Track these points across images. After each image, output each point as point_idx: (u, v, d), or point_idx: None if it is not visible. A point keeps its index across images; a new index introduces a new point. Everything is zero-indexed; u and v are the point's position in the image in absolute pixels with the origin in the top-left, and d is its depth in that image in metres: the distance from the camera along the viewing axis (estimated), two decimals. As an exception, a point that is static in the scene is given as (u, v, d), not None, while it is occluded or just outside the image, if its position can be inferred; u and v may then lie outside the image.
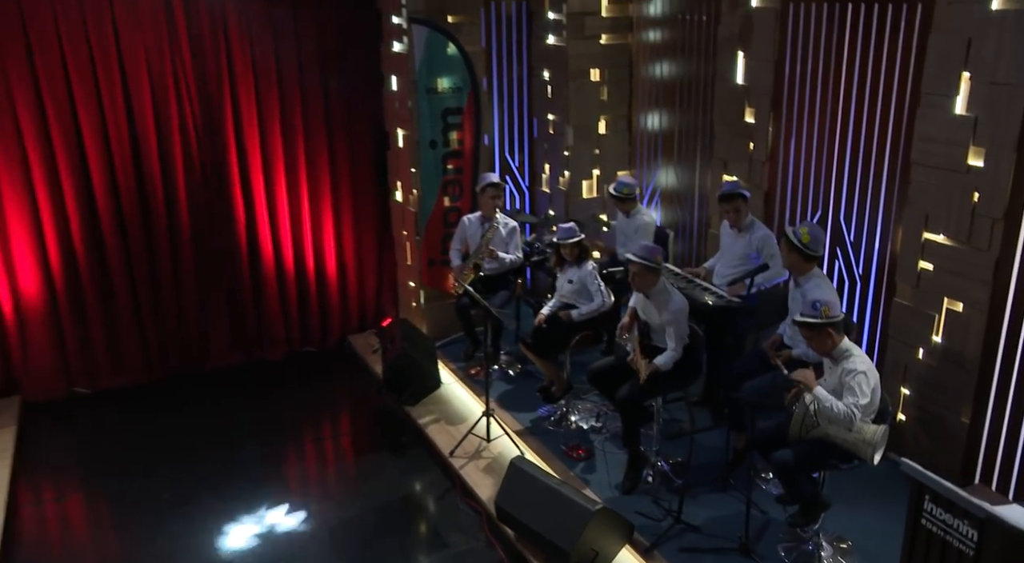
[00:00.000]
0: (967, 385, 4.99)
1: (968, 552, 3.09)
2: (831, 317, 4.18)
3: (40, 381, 6.96)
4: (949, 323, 5.05)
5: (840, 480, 4.71)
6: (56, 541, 5.47)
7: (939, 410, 5.18)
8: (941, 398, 5.16)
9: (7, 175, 6.47)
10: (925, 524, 3.26)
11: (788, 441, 4.34)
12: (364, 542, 5.18)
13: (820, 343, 4.24)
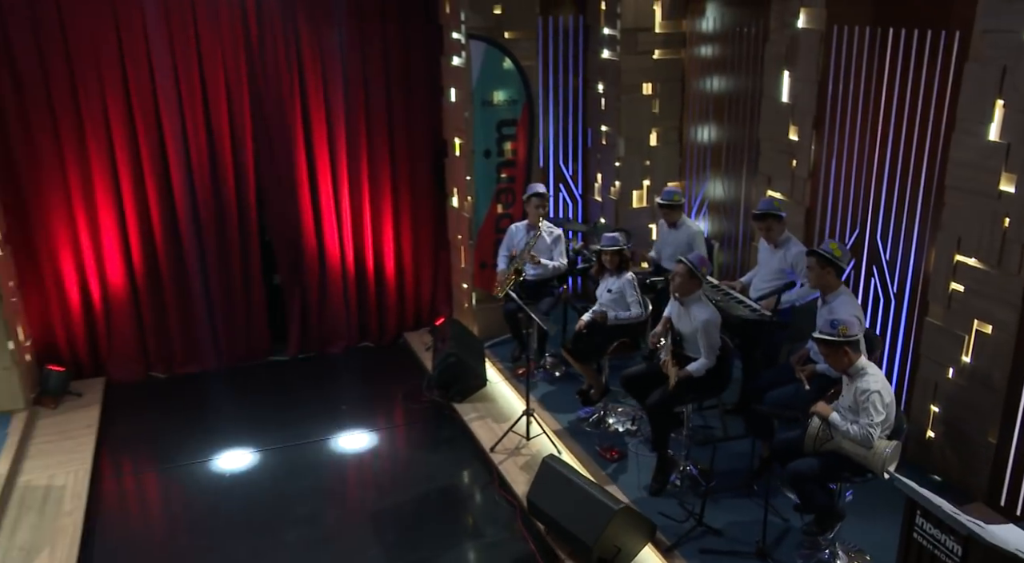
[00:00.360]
0: (994, 406, 5.08)
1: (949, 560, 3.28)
2: (848, 336, 4.36)
3: (122, 365, 7.59)
4: (978, 344, 5.15)
5: (860, 492, 4.88)
6: (132, 509, 6.04)
7: (967, 429, 5.28)
8: (969, 417, 5.26)
9: (100, 180, 7.09)
10: (916, 538, 3.45)
11: (803, 453, 4.54)
12: (403, 528, 5.57)
13: (836, 360, 4.42)
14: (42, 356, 7.32)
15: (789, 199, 6.50)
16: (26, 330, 7.11)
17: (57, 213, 7.07)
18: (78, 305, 7.36)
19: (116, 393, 7.40)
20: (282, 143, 7.52)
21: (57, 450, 6.39)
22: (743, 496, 5.37)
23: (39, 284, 7.19)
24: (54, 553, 5.21)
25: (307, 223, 7.80)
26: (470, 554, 5.34)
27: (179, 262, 7.51)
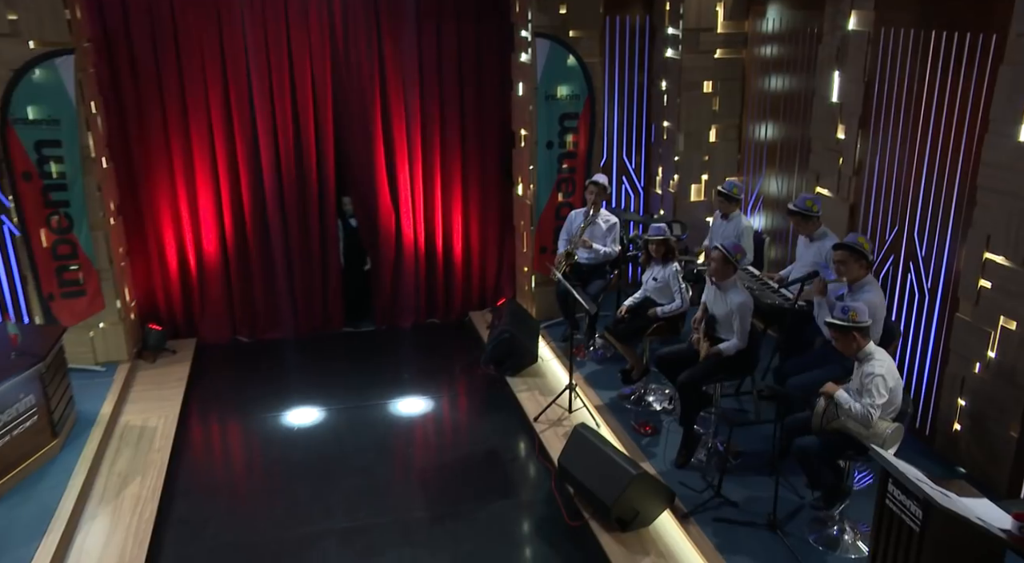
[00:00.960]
0: (1017, 401, 5.22)
1: (915, 528, 3.54)
2: (857, 322, 4.61)
3: (212, 328, 8.40)
4: (1003, 340, 5.29)
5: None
6: (211, 450, 6.79)
7: (990, 423, 5.42)
8: (992, 412, 5.40)
9: (199, 161, 7.89)
10: (888, 504, 3.72)
11: (812, 432, 4.82)
12: (445, 484, 6.10)
13: (846, 345, 4.68)
14: (144, 316, 8.21)
15: (835, 195, 6.70)
16: (131, 292, 7.99)
17: (162, 189, 7.92)
18: (176, 272, 8.21)
19: (205, 353, 8.22)
20: (362, 132, 8.16)
21: (152, 397, 7.21)
22: (764, 474, 5.64)
23: (144, 252, 8.06)
24: (144, 481, 5.98)
25: (384, 206, 8.42)
26: (503, 510, 5.81)
27: (265, 238, 8.25)
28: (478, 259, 8.91)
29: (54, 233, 7.12)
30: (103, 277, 7.38)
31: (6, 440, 5.63)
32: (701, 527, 5.22)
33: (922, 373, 6.07)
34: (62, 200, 7.07)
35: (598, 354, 7.59)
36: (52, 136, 6.90)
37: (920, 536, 3.52)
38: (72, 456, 6.09)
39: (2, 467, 5.61)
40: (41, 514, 5.40)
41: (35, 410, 5.88)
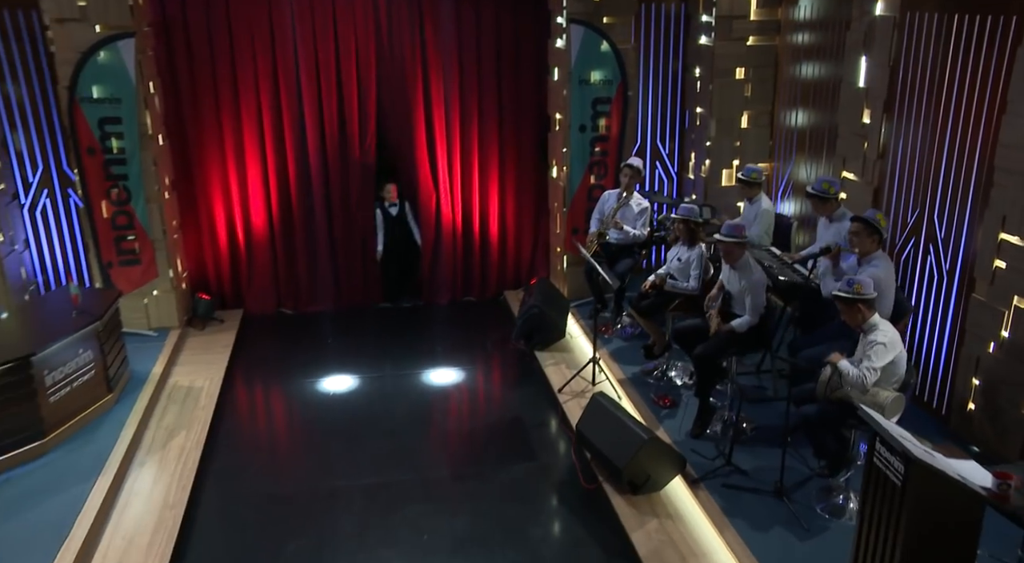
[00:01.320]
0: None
1: (898, 483, 3.71)
2: (862, 295, 4.76)
3: (258, 300, 8.85)
4: (1016, 320, 5.38)
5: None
6: (252, 410, 7.19)
7: (1002, 402, 5.51)
8: (1004, 390, 5.48)
9: (249, 141, 8.31)
10: (876, 462, 3.88)
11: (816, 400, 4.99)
12: (469, 447, 6.41)
13: (851, 316, 4.84)
14: (194, 286, 8.69)
15: (860, 179, 6.80)
16: (183, 263, 8.46)
17: (213, 167, 8.36)
18: (226, 246, 8.66)
19: (251, 323, 8.67)
20: (404, 114, 8.49)
21: (199, 361, 7.67)
22: (776, 447, 5.78)
23: (196, 225, 8.53)
24: (189, 434, 6.41)
25: (425, 187, 8.74)
26: (523, 473, 6.08)
27: (309, 215, 8.65)
28: (513, 240, 9.19)
29: (113, 205, 7.62)
30: (157, 247, 7.86)
31: (67, 391, 6.10)
32: (710, 492, 5.42)
33: (939, 353, 6.16)
34: (121, 174, 7.56)
35: (626, 332, 7.80)
36: (114, 113, 7.39)
37: (902, 490, 3.68)
38: (125, 409, 6.55)
39: (63, 415, 6.08)
40: (96, 458, 5.85)
41: (92, 365, 6.35)
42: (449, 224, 8.96)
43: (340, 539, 5.32)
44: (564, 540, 5.36)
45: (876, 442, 3.88)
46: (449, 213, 8.94)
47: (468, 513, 5.60)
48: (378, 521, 5.49)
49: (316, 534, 5.37)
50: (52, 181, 7.99)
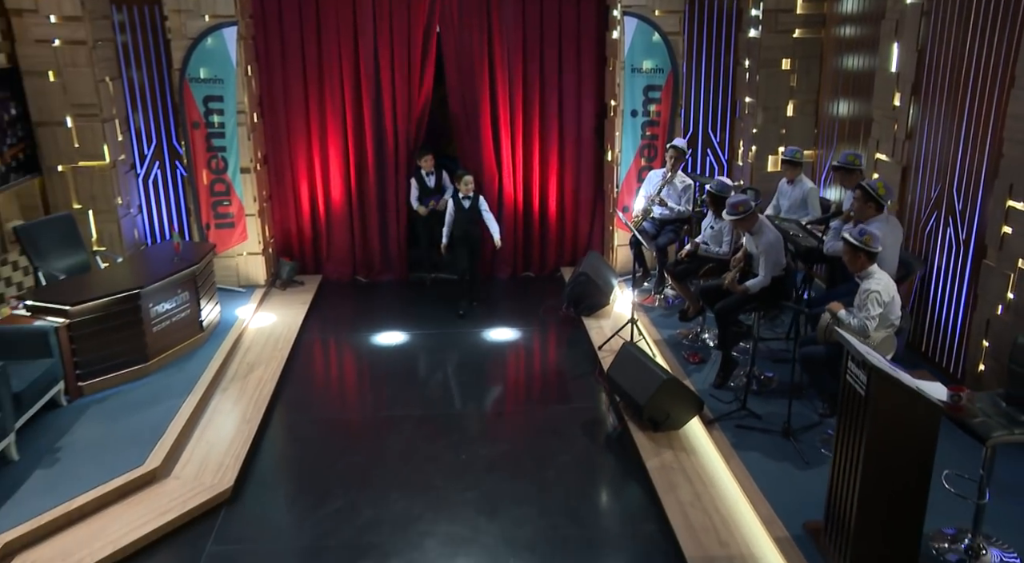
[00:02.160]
0: (1030, 340, 5.63)
1: (862, 393, 4.18)
2: (868, 246, 5.20)
3: (335, 267, 9.75)
4: (1020, 281, 5.72)
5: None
6: (320, 355, 8.04)
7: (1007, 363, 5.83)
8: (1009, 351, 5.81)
9: (332, 122, 9.24)
10: (848, 379, 4.36)
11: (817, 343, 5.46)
12: (510, 390, 7.14)
13: (852, 261, 5.27)
14: (279, 251, 9.66)
15: (891, 159, 7.21)
16: (271, 229, 9.45)
17: (299, 144, 9.33)
18: (308, 217, 9.61)
19: (327, 287, 9.58)
20: (472, 98, 9.27)
21: (280, 314, 8.60)
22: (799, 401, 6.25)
23: (283, 196, 9.51)
24: (266, 369, 7.30)
25: (489, 169, 9.49)
26: (558, 413, 6.71)
27: (383, 192, 9.51)
28: (571, 219, 9.85)
29: (212, 173, 8.64)
30: (248, 213, 8.84)
31: (166, 324, 7.07)
32: (723, 431, 5.94)
33: (956, 319, 6.51)
34: (220, 146, 8.58)
35: (669, 302, 8.34)
36: (216, 92, 8.42)
37: (865, 399, 4.16)
38: (213, 346, 7.49)
39: (164, 345, 7.05)
40: (187, 382, 6.78)
41: (188, 305, 7.31)
42: (511, 203, 9.68)
43: (388, 457, 6.06)
44: (586, 465, 5.95)
45: (848, 361, 4.37)
46: (511, 193, 9.67)
47: (504, 441, 6.28)
48: (423, 445, 6.21)
49: (367, 452, 6.14)
50: (163, 154, 9.09)
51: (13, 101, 7.93)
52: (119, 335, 6.70)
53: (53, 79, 8.05)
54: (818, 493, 4.74)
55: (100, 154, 8.35)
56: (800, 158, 7.52)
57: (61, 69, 8.02)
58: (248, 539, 5.15)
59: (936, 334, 6.76)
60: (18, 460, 5.61)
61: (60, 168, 8.33)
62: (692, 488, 5.45)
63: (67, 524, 5.06)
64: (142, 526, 5.09)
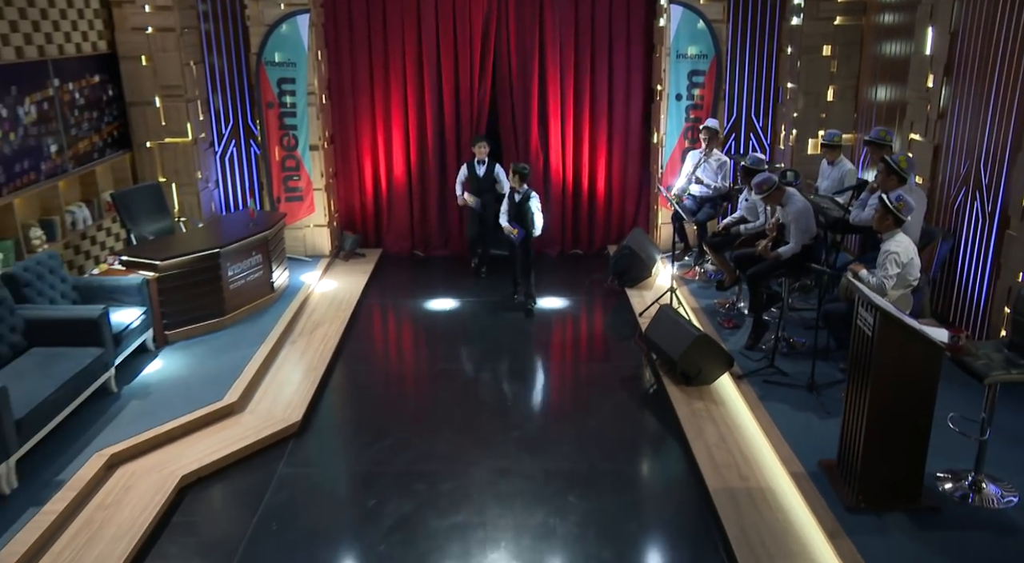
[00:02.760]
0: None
1: (869, 334, 4.60)
2: (898, 210, 5.57)
3: (395, 242, 10.40)
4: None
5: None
6: (379, 316, 8.66)
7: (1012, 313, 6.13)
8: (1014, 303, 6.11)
9: (394, 105, 9.88)
10: (858, 324, 4.78)
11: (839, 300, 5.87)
12: (558, 351, 7.66)
13: (880, 222, 5.63)
14: (343, 224, 10.34)
15: (923, 139, 7.53)
16: (336, 204, 10.13)
17: (364, 125, 9.99)
18: (371, 193, 10.27)
19: (387, 260, 10.23)
20: (524, 84, 9.81)
21: (342, 281, 9.28)
22: (819, 359, 6.64)
23: (347, 173, 10.18)
24: (330, 326, 7.95)
25: (537, 146, 10.01)
26: (597, 369, 7.23)
27: (442, 172, 10.12)
28: (618, 199, 10.32)
29: (284, 150, 9.35)
30: (315, 188, 9.53)
31: (242, 282, 7.77)
32: (751, 385, 6.37)
33: (981, 288, 6.82)
34: (292, 125, 9.29)
35: (709, 276, 8.77)
36: (289, 75, 9.13)
37: (872, 341, 4.58)
38: (283, 305, 8.19)
39: (240, 301, 7.77)
40: (260, 334, 7.46)
41: (261, 266, 8.01)
42: (559, 184, 10.20)
43: (440, 403, 6.64)
44: (623, 414, 6.44)
45: (858, 306, 4.79)
46: (560, 174, 10.18)
47: (546, 390, 6.82)
48: (472, 394, 6.78)
49: (421, 399, 6.75)
50: (238, 133, 9.83)
51: (111, 83, 8.75)
52: (200, 290, 7.42)
53: (145, 63, 8.85)
54: (836, 439, 5.14)
55: (184, 132, 9.12)
56: (839, 141, 7.87)
57: (152, 54, 8.81)
58: (313, 464, 5.78)
59: (962, 303, 7.07)
60: (117, 391, 6.35)
61: (148, 144, 9.13)
62: (718, 432, 5.91)
63: (159, 444, 5.75)
64: (223, 448, 5.75)
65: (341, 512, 5.22)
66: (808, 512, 4.86)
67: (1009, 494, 4.87)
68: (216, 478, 5.56)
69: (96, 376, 6.05)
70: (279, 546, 4.85)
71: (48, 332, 6.11)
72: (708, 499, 5.16)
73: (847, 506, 4.80)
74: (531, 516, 5.09)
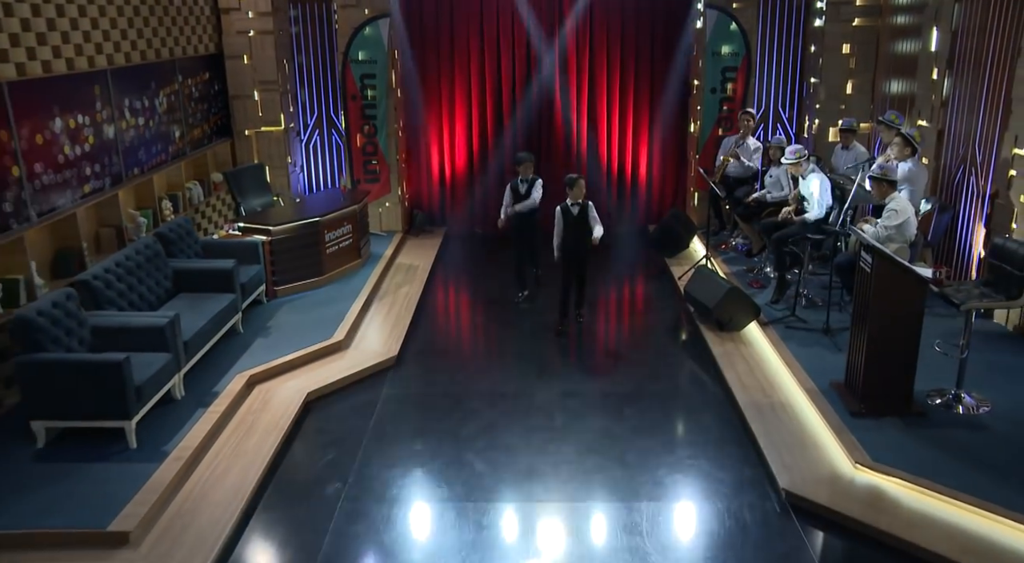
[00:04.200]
0: None
1: (868, 271, 5.75)
2: (887, 176, 6.72)
3: (456, 220, 11.68)
4: (1021, 214, 7.13)
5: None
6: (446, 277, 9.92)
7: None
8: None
9: (459, 98, 11.15)
10: (861, 265, 5.93)
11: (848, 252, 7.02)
12: (606, 307, 8.85)
13: (878, 190, 6.80)
14: (412, 204, 11.64)
15: (929, 124, 8.63)
16: (407, 186, 11.43)
17: (432, 116, 11.28)
18: (437, 176, 11.56)
19: (451, 236, 11.52)
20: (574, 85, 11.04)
21: (416, 253, 10.56)
22: (836, 311, 7.76)
23: (416, 158, 11.48)
24: (411, 287, 9.24)
25: (585, 136, 11.23)
26: (642, 320, 8.44)
27: (500, 157, 11.37)
28: (658, 182, 11.52)
29: (364, 137, 10.67)
30: (391, 171, 10.83)
31: (336, 249, 9.08)
32: (775, 330, 7.53)
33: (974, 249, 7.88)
34: (372, 115, 10.59)
35: (740, 248, 9.92)
36: (371, 71, 10.44)
37: (870, 277, 5.73)
38: (369, 270, 9.49)
39: (334, 265, 9.08)
40: (353, 291, 8.75)
41: (350, 235, 9.31)
42: (605, 168, 11.41)
43: (507, 343, 7.88)
44: (666, 352, 7.64)
45: (860, 250, 5.95)
46: (606, 160, 11.39)
47: (601, 333, 8.03)
48: (539, 332, 8.00)
49: (491, 341, 7.99)
50: (322, 123, 11.15)
51: (216, 80, 10.11)
52: (303, 253, 8.73)
53: (246, 62, 10.20)
54: (844, 367, 6.29)
55: (278, 121, 10.47)
56: (855, 127, 9.01)
57: (253, 53, 10.15)
58: (412, 387, 7.04)
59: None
60: (243, 332, 7.66)
61: (247, 132, 10.48)
62: (747, 364, 7.08)
63: (286, 370, 7.05)
64: (336, 374, 7.03)
65: (439, 419, 6.46)
66: (819, 417, 6.01)
67: (983, 405, 5.99)
68: (334, 397, 6.84)
69: (230, 317, 7.37)
70: (394, 441, 6.10)
71: (192, 280, 7.44)
72: (739, 410, 6.33)
73: (852, 412, 5.96)
74: (593, 422, 6.30)
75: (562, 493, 5.37)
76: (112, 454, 5.56)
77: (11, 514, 4.90)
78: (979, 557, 4.53)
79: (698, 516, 5.13)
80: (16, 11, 6.33)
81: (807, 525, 5.00)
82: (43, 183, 6.61)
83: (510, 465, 5.71)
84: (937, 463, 5.30)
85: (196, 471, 5.56)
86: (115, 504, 4.98)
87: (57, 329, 5.68)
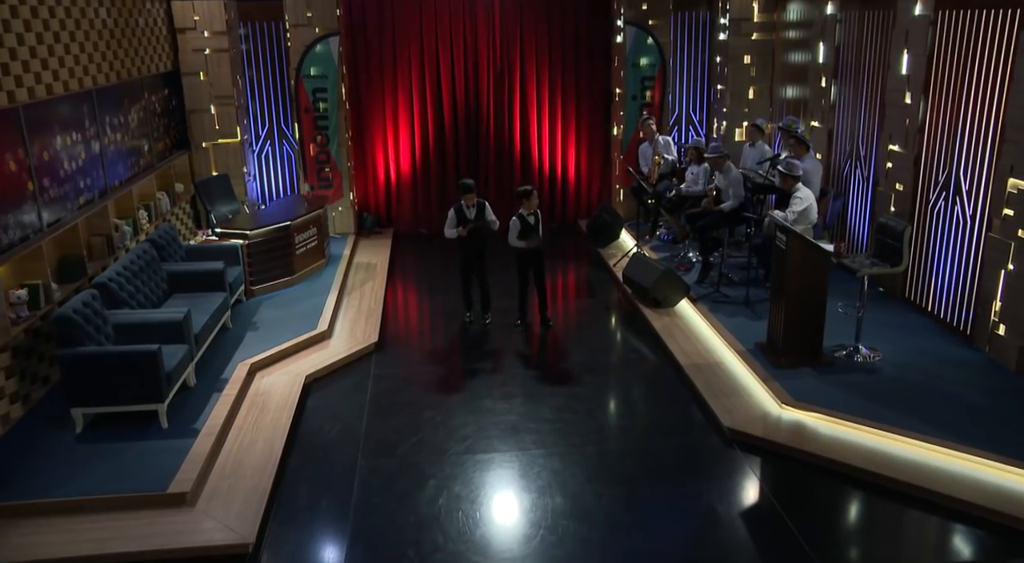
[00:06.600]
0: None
1: (783, 247, 7.02)
2: (790, 171, 8.05)
3: (403, 222, 12.57)
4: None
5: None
6: (409, 275, 10.81)
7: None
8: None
9: (402, 109, 12.05)
10: (776, 243, 7.21)
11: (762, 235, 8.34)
12: (557, 293, 9.92)
13: (784, 183, 8.11)
14: (361, 208, 12.47)
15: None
16: (356, 191, 12.25)
17: (377, 126, 12.14)
18: (383, 181, 12.43)
19: (400, 236, 12.42)
20: (505, 88, 12.09)
21: (371, 251, 11.42)
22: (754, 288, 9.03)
23: (364, 165, 12.32)
24: (374, 282, 10.12)
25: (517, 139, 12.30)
26: (583, 303, 9.60)
27: (442, 160, 12.33)
28: (585, 181, 12.72)
29: (317, 147, 11.44)
30: (343, 177, 11.65)
31: (304, 250, 9.86)
32: (704, 305, 8.78)
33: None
34: (324, 126, 11.39)
35: (663, 238, 11.19)
36: (322, 86, 11.23)
37: (784, 252, 7.00)
38: (333, 269, 10.30)
39: (304, 264, 9.86)
40: (324, 288, 9.56)
41: (315, 237, 10.11)
42: (536, 169, 12.52)
43: (468, 328, 8.87)
44: (610, 327, 8.80)
45: (776, 232, 7.22)
46: (536, 161, 12.50)
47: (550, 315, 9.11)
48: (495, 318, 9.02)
49: (453, 323, 8.95)
50: (273, 134, 11.86)
51: (174, 96, 10.71)
52: (275, 254, 9.49)
53: (203, 78, 10.83)
54: (765, 331, 7.56)
55: (234, 133, 11.13)
56: (763, 127, 10.39)
57: (209, 70, 10.80)
58: (397, 366, 7.94)
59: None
60: (232, 328, 8.39)
61: (204, 144, 11.10)
62: (683, 334, 8.29)
63: (282, 358, 7.84)
64: (327, 359, 7.87)
65: (428, 389, 7.39)
66: (749, 371, 7.25)
67: (876, 354, 7.36)
68: (328, 379, 7.67)
69: (223, 313, 8.10)
70: (392, 410, 7.01)
71: (184, 281, 8.13)
72: (682, 371, 7.51)
73: (774, 365, 7.22)
74: (560, 388, 7.37)
75: (545, 441, 6.41)
76: (148, 434, 6.28)
77: (74, 486, 5.59)
78: (879, 465, 5.81)
79: (659, 453, 6.27)
80: (26, 40, 6.94)
81: (747, 453, 6.20)
82: (50, 196, 7.22)
83: (496, 425, 6.71)
84: (844, 400, 6.60)
85: (226, 444, 6.33)
86: (165, 473, 5.73)
87: (89, 326, 6.36)
